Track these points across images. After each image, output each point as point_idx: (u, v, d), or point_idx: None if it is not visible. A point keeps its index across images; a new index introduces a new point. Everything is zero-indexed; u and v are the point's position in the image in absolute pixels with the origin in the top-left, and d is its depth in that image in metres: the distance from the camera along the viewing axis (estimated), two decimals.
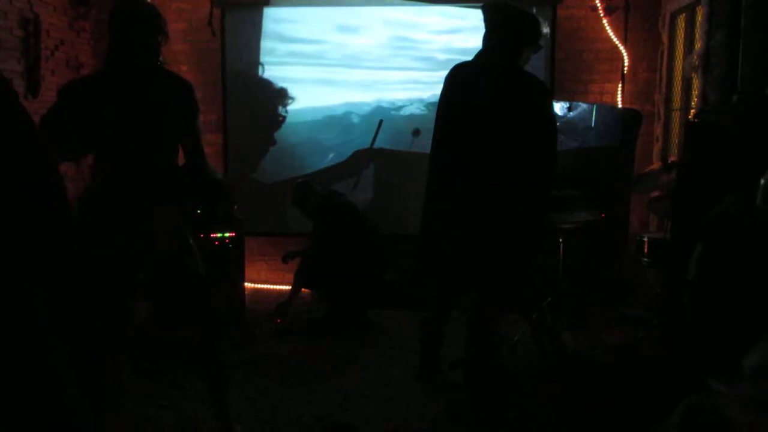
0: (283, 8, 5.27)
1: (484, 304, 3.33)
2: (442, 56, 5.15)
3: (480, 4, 3.34)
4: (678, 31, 4.90)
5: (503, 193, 3.11)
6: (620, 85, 5.11)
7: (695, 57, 4.23)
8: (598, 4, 5.02)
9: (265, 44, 5.30)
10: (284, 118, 5.34)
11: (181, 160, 2.76)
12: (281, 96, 5.34)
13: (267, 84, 5.34)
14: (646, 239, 3.97)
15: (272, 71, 5.32)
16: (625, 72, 5.09)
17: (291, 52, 5.29)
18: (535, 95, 3.15)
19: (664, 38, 4.99)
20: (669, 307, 3.31)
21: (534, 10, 4.61)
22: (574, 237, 4.15)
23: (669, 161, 3.99)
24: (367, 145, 5.27)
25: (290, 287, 4.59)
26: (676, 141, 4.85)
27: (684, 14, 4.76)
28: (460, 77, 3.25)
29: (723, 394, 1.15)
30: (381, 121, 5.21)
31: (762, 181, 2.08)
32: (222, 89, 5.29)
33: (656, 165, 4.20)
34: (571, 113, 4.60)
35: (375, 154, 5.27)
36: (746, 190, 2.17)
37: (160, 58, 2.63)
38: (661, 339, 3.60)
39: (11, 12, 4.18)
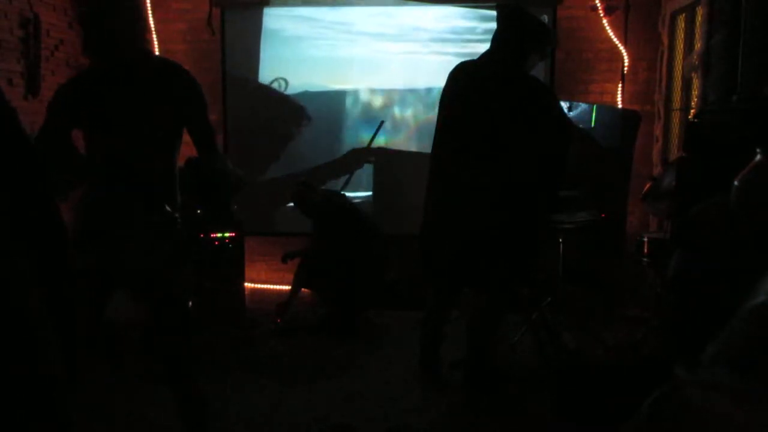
0: (283, 8, 5.27)
1: (483, 305, 3.33)
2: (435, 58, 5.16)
3: (479, 5, 3.35)
4: (678, 31, 4.90)
5: (502, 194, 3.11)
6: (620, 85, 5.11)
7: (695, 57, 4.23)
8: (598, 4, 5.02)
9: (265, 45, 5.30)
10: (293, 136, 5.32)
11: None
12: (299, 115, 5.31)
13: (285, 99, 5.31)
14: (646, 239, 3.97)
15: (273, 72, 5.32)
16: (625, 72, 5.09)
17: (291, 53, 5.29)
18: (534, 98, 3.14)
19: (664, 38, 4.99)
20: (665, 306, 3.34)
21: (545, 18, 4.62)
22: (574, 237, 4.15)
23: (670, 161, 4.00)
24: (365, 145, 5.27)
25: (290, 287, 4.59)
26: (676, 141, 4.85)
27: (684, 14, 4.76)
28: (462, 76, 3.24)
29: (684, 380, 1.20)
30: (382, 122, 5.21)
31: (735, 184, 2.09)
32: (222, 89, 5.29)
33: (657, 165, 4.20)
34: (571, 113, 4.60)
35: (375, 154, 5.27)
36: (724, 191, 2.19)
37: (146, 46, 2.49)
38: (660, 339, 3.60)
39: (11, 12, 4.18)
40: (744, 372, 1.12)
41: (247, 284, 4.87)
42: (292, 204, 4.66)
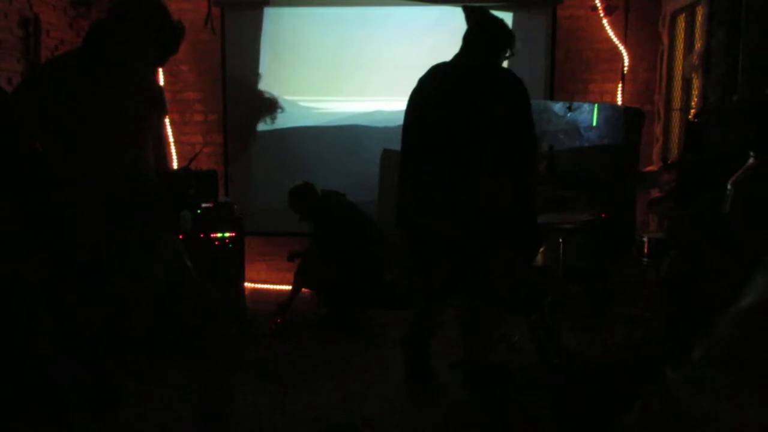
0: (284, 8, 5.28)
1: (479, 304, 3.30)
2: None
3: (480, 5, 3.38)
4: (678, 31, 4.90)
5: (490, 193, 3.08)
6: (620, 85, 5.11)
7: (695, 57, 4.23)
8: (598, 4, 5.02)
9: (265, 45, 5.30)
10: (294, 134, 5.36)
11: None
12: (271, 106, 5.32)
13: (260, 92, 5.35)
14: (646, 239, 3.97)
15: (273, 72, 5.32)
16: (625, 72, 5.09)
17: (291, 53, 5.30)
18: (517, 92, 3.14)
19: (664, 38, 5.00)
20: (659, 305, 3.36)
21: (503, 17, 4.65)
22: (574, 237, 4.15)
23: (669, 161, 3.99)
24: (371, 146, 5.25)
25: (290, 287, 4.59)
26: (676, 141, 4.85)
27: (684, 14, 4.76)
28: (439, 78, 3.22)
29: (673, 379, 1.22)
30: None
31: (729, 187, 2.10)
32: (222, 89, 5.29)
33: (656, 165, 4.20)
34: (571, 113, 4.60)
35: (382, 156, 5.26)
36: (717, 192, 2.20)
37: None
38: (659, 338, 3.60)
39: (11, 12, 4.18)
40: (730, 371, 1.14)
41: (247, 284, 4.87)
42: (290, 207, 4.65)
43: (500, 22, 3.24)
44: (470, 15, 3.24)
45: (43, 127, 2.12)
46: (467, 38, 3.23)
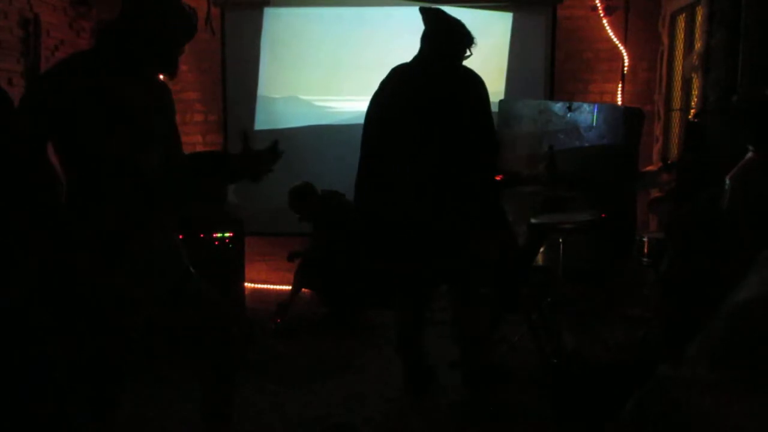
0: (283, 8, 5.28)
1: (465, 305, 3.28)
2: None
3: (480, 6, 3.36)
4: (678, 31, 4.90)
5: (461, 191, 3.08)
6: (620, 85, 5.11)
7: (695, 57, 4.23)
8: (598, 4, 5.02)
9: (265, 45, 5.30)
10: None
11: None
12: (270, 106, 5.35)
13: (260, 92, 5.36)
14: (646, 239, 3.97)
15: (273, 72, 5.32)
16: (625, 72, 5.09)
17: (291, 53, 5.29)
18: (480, 90, 3.14)
19: (664, 38, 5.00)
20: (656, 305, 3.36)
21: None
22: (574, 237, 4.15)
23: (669, 161, 4.00)
24: None
25: (290, 287, 4.59)
26: (676, 141, 4.85)
27: (684, 14, 4.77)
28: (402, 81, 3.19)
29: (667, 377, 1.22)
30: None
31: (727, 182, 2.10)
32: (222, 89, 5.29)
33: (656, 165, 4.21)
34: (571, 113, 4.60)
35: None
36: (716, 188, 2.21)
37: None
38: (660, 338, 3.60)
39: (11, 12, 4.18)
40: (723, 368, 1.14)
41: (247, 284, 4.87)
42: (290, 207, 4.65)
43: (458, 22, 3.19)
44: (427, 15, 3.23)
45: (51, 131, 2.09)
46: (426, 39, 3.20)
